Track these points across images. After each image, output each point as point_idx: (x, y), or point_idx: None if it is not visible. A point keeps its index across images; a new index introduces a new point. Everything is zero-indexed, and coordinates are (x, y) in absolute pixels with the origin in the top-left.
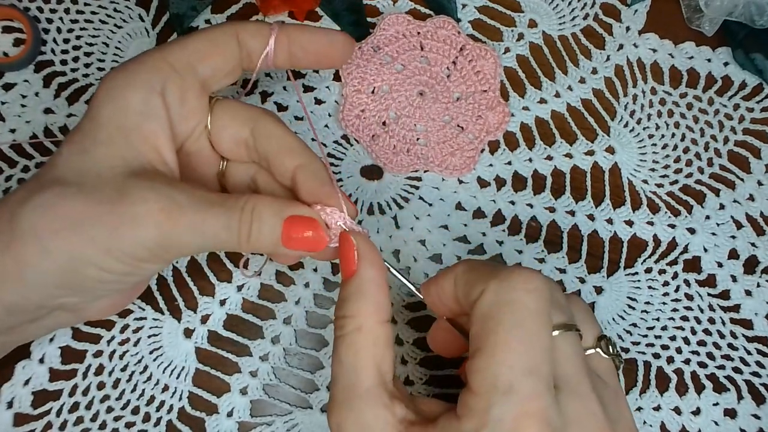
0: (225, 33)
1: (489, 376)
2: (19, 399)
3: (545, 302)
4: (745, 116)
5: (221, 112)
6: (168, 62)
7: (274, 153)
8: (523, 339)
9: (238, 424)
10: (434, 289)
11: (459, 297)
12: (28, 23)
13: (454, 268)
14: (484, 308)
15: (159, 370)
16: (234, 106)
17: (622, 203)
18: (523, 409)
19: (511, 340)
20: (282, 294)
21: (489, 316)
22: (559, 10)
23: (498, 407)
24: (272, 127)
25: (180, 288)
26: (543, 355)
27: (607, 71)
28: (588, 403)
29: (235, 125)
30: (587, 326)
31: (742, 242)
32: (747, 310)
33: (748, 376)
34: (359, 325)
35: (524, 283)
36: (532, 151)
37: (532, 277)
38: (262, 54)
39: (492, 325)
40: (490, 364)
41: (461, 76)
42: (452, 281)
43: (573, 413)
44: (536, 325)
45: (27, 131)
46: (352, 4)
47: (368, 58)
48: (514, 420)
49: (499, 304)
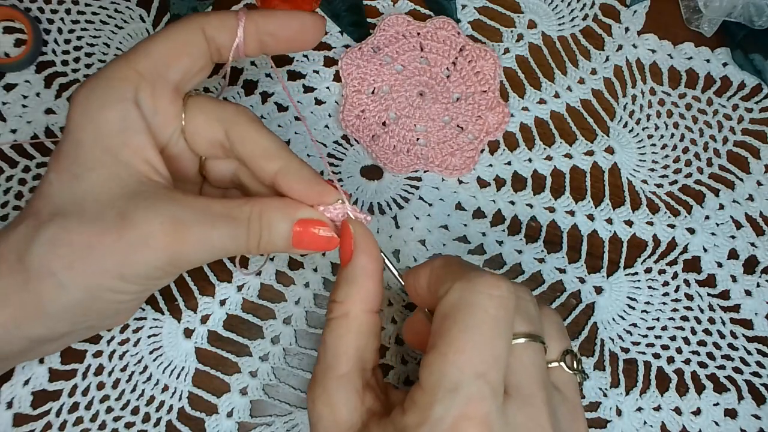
0: (189, 31)
1: (437, 374)
2: (19, 399)
3: (507, 310)
4: (744, 116)
5: (194, 114)
6: (136, 71)
7: (250, 157)
8: (477, 342)
9: (237, 425)
10: (412, 280)
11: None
12: (29, 24)
13: (432, 261)
14: (445, 306)
15: (159, 370)
16: (207, 107)
17: (622, 203)
18: (465, 411)
19: (465, 342)
20: (282, 294)
21: (448, 315)
22: (558, 11)
23: (440, 406)
24: (246, 130)
25: (180, 288)
26: (495, 362)
27: (607, 72)
28: (537, 414)
29: (209, 128)
30: (555, 339)
31: (742, 242)
32: (747, 310)
33: (749, 376)
34: (346, 312)
35: (488, 288)
36: (532, 152)
37: (498, 284)
38: (231, 47)
39: (449, 324)
40: (441, 363)
41: (461, 76)
42: (428, 274)
43: (519, 423)
44: (492, 330)
45: (28, 131)
46: (353, 4)
47: (368, 58)
48: (454, 420)
49: (459, 305)
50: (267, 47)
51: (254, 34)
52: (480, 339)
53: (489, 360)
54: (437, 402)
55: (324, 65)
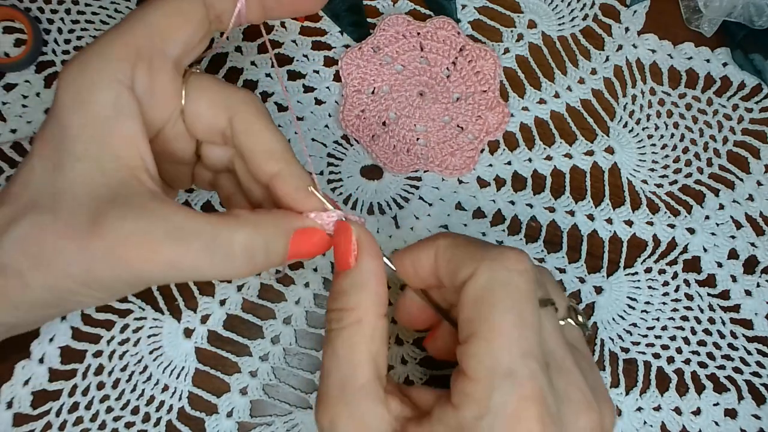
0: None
1: (487, 361)
2: (19, 399)
3: (534, 283)
4: (744, 116)
5: (197, 95)
6: (132, 47)
7: (251, 152)
8: (518, 322)
9: (237, 425)
10: (409, 261)
11: (441, 274)
12: (29, 24)
13: (433, 240)
14: (476, 290)
15: (159, 370)
16: (211, 89)
17: (622, 203)
18: (523, 393)
19: (507, 324)
20: (282, 294)
21: (483, 299)
22: (558, 11)
23: (498, 393)
24: (252, 123)
25: (180, 288)
26: (535, 336)
27: (607, 72)
28: (574, 377)
29: (212, 113)
30: (559, 298)
31: (742, 242)
32: (747, 310)
33: (749, 376)
34: (359, 318)
35: (516, 264)
36: (532, 152)
37: (521, 258)
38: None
39: (486, 308)
40: (488, 350)
41: (461, 76)
42: (432, 255)
43: (562, 390)
44: (528, 307)
45: (28, 131)
46: (353, 4)
47: (368, 58)
48: (515, 404)
49: (492, 286)
50: (270, 11)
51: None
52: (519, 318)
53: (531, 337)
54: (495, 390)
55: (324, 65)
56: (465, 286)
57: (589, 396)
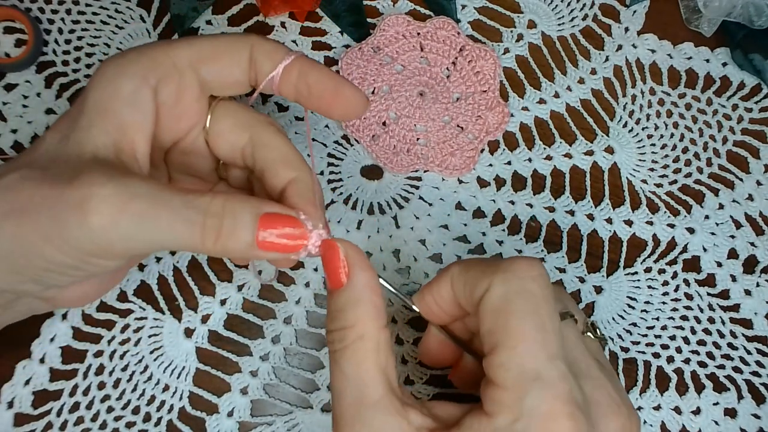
0: (238, 43)
1: (514, 368)
2: (20, 399)
3: (549, 288)
4: (743, 116)
5: (222, 117)
6: (169, 57)
7: (269, 162)
8: (539, 326)
9: (238, 424)
10: (430, 297)
11: (459, 298)
12: (30, 24)
13: (447, 271)
14: (494, 302)
15: (159, 369)
16: (235, 111)
17: (622, 203)
18: (554, 394)
19: (528, 330)
20: (282, 294)
21: (501, 309)
22: (558, 11)
23: (530, 397)
24: (272, 137)
25: (180, 288)
26: (558, 340)
27: (606, 72)
28: (601, 382)
29: (234, 132)
30: (577, 313)
31: (742, 242)
32: (746, 309)
33: (748, 376)
34: (361, 334)
35: (527, 271)
36: (532, 151)
37: (533, 265)
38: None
39: (505, 317)
40: (513, 356)
41: (461, 76)
42: (449, 285)
43: (590, 394)
44: (547, 310)
45: (29, 132)
46: (353, 5)
47: (368, 58)
48: (548, 406)
49: (508, 296)
50: (300, 96)
51: (293, 77)
52: (540, 322)
53: (554, 340)
54: (527, 395)
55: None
56: (482, 301)
57: (617, 400)
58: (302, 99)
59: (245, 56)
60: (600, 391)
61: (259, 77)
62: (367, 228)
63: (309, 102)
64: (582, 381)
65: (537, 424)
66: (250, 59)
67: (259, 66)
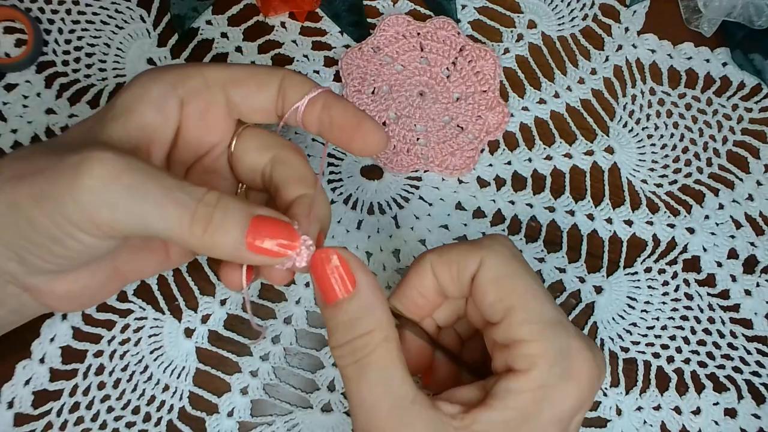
0: (269, 73)
1: (537, 320)
2: (20, 399)
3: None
4: (743, 116)
5: (247, 138)
6: (203, 75)
7: (285, 180)
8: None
9: (238, 424)
10: (412, 290)
11: (444, 282)
12: (30, 24)
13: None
14: (493, 273)
15: (159, 369)
16: (260, 133)
17: (622, 203)
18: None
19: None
20: (282, 294)
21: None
22: (558, 11)
23: (559, 339)
24: (292, 156)
25: (180, 288)
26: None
27: (606, 72)
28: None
29: (258, 152)
30: None
31: (742, 242)
32: (746, 309)
33: (748, 376)
34: (386, 336)
35: (506, 242)
36: (532, 151)
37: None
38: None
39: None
40: (533, 310)
41: (461, 76)
42: (429, 273)
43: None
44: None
45: (29, 132)
46: (353, 5)
47: (368, 58)
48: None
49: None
50: (323, 129)
51: (317, 110)
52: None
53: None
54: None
55: (324, 65)
56: (478, 275)
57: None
58: (324, 131)
59: (275, 85)
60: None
61: (286, 107)
62: (367, 228)
63: (330, 134)
64: None
65: (571, 362)
66: (279, 89)
67: (287, 97)
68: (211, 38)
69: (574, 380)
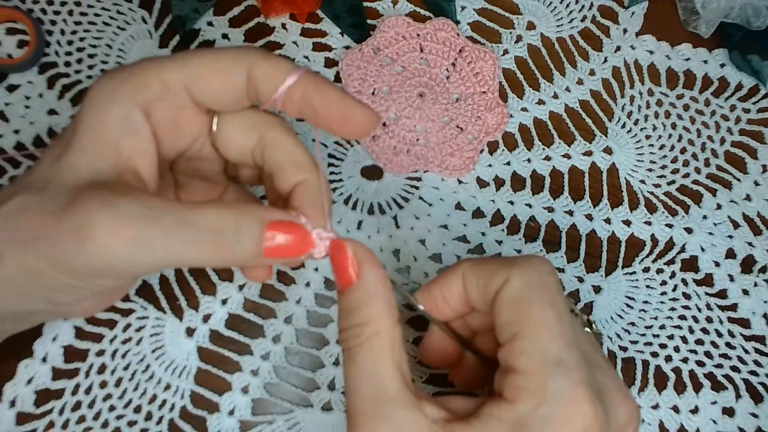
0: (235, 63)
1: (537, 354)
2: (22, 398)
3: (560, 282)
4: (741, 117)
5: (228, 121)
6: (161, 80)
7: (279, 164)
8: (557, 315)
9: (239, 423)
10: (437, 292)
11: (470, 293)
12: (32, 25)
13: (458, 267)
14: (513, 293)
15: (161, 368)
16: (242, 113)
17: (620, 203)
18: (575, 378)
19: (548, 318)
20: (283, 293)
21: (521, 299)
22: (556, 13)
23: (553, 381)
24: (281, 137)
25: (182, 287)
26: (572, 329)
27: (605, 73)
28: (609, 372)
29: (243, 135)
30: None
31: (739, 242)
32: (744, 309)
33: (746, 375)
34: (376, 330)
35: (543, 265)
36: (531, 152)
37: (546, 261)
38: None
39: (526, 306)
40: (536, 343)
41: (460, 77)
42: (460, 280)
43: (600, 380)
44: (562, 301)
45: (31, 132)
46: (353, 6)
47: (368, 59)
48: (569, 390)
49: (528, 287)
50: (305, 116)
51: (297, 99)
52: (557, 312)
53: (569, 328)
54: (549, 379)
55: (324, 66)
56: (500, 292)
57: (625, 389)
58: (307, 118)
59: (241, 76)
60: (609, 380)
61: (260, 96)
62: (367, 228)
63: (316, 123)
64: (593, 369)
65: (560, 408)
66: (249, 78)
67: (259, 86)
68: (213, 39)
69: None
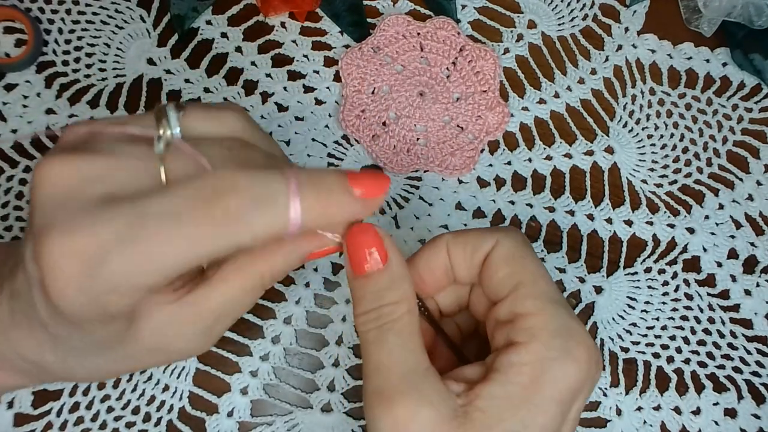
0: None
1: (543, 296)
2: (20, 399)
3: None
4: (743, 116)
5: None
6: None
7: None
8: (543, 266)
9: (238, 424)
10: (423, 264)
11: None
12: (30, 24)
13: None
14: (507, 250)
15: (159, 370)
16: None
17: (622, 203)
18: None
19: (541, 268)
20: (282, 294)
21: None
22: (558, 11)
23: (559, 316)
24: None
25: None
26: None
27: (606, 72)
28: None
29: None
30: None
31: (742, 242)
32: (746, 309)
33: (748, 376)
34: (409, 308)
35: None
36: (532, 151)
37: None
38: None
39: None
40: (539, 287)
41: (461, 76)
42: (443, 250)
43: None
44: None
45: (29, 131)
46: (353, 4)
47: (368, 58)
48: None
49: (518, 245)
50: None
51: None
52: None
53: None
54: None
55: (324, 65)
56: (491, 254)
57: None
58: None
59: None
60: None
61: None
62: None
63: None
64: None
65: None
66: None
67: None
68: (211, 38)
69: (574, 359)
